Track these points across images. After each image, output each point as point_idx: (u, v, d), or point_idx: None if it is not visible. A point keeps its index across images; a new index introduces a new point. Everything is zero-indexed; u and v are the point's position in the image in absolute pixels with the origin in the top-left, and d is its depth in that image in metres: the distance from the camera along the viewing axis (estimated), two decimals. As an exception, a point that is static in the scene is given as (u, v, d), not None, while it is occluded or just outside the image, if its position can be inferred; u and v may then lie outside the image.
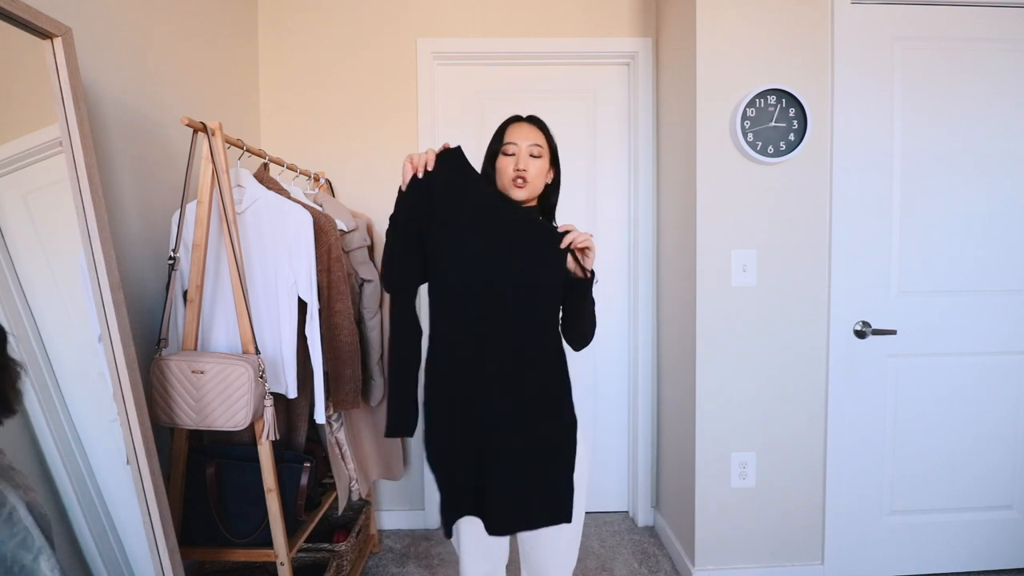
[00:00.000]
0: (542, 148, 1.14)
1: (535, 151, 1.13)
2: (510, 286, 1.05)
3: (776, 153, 1.62)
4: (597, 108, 2.14)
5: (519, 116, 1.19)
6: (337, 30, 2.04)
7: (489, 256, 1.05)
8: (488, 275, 1.04)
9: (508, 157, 1.13)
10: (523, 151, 1.12)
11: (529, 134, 1.14)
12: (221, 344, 1.34)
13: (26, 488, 0.78)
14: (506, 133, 1.16)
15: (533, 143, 1.13)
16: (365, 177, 2.06)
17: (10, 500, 0.75)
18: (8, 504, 0.75)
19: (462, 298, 1.05)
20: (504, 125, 1.18)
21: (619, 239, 2.17)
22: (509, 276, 1.05)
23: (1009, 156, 1.68)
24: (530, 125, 1.16)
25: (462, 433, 1.06)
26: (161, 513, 1.08)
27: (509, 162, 1.13)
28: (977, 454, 1.74)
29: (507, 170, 1.12)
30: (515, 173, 1.11)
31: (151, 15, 1.43)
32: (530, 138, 1.13)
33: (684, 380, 1.78)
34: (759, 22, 1.62)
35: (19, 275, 0.99)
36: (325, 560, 1.62)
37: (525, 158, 1.12)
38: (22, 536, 0.75)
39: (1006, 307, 1.71)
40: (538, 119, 1.19)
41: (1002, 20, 1.65)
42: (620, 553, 1.96)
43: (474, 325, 1.04)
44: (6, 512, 0.74)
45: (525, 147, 1.12)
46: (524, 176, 1.11)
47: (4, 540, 0.73)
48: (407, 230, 1.06)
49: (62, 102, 0.99)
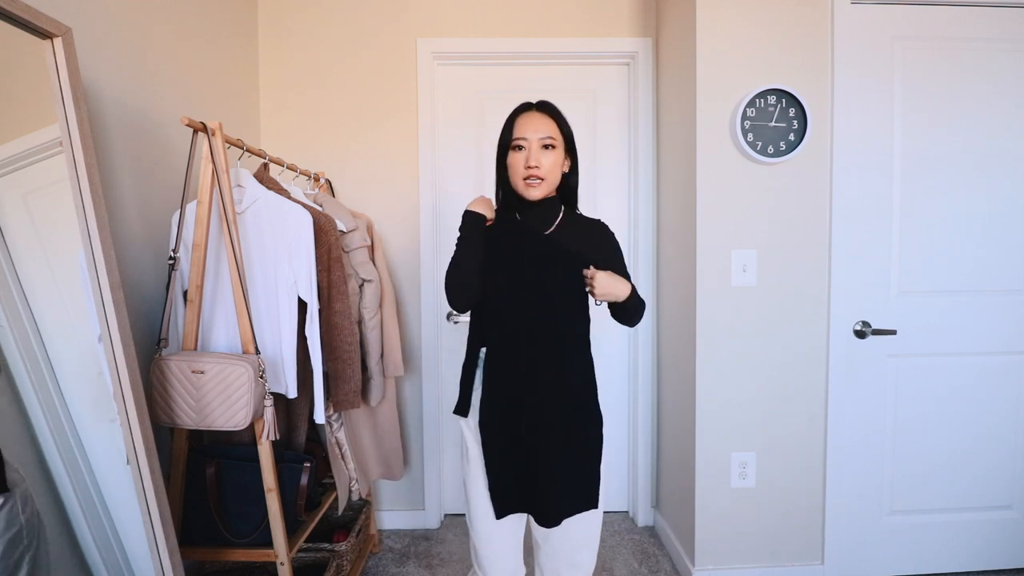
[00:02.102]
0: (555, 139, 1.07)
1: (548, 142, 1.06)
2: (531, 298, 1.12)
3: (776, 153, 1.62)
4: (597, 108, 2.14)
5: (529, 104, 1.11)
6: (337, 30, 2.04)
7: (519, 277, 1.12)
8: (519, 294, 1.12)
9: (518, 152, 1.07)
10: (534, 145, 1.06)
11: (540, 125, 1.07)
12: (221, 344, 1.34)
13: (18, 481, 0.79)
14: (515, 126, 1.08)
15: (545, 135, 1.06)
16: (365, 177, 2.06)
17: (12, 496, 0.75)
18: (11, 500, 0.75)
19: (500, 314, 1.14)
20: (513, 116, 1.10)
21: (619, 239, 2.15)
22: (535, 294, 1.12)
23: (1009, 156, 1.68)
24: (540, 114, 1.09)
25: (510, 422, 1.12)
26: (161, 513, 1.08)
27: (520, 158, 1.07)
28: (977, 454, 1.74)
29: (518, 167, 1.08)
30: (527, 171, 1.07)
31: (151, 15, 1.43)
32: (541, 130, 1.06)
33: (684, 380, 1.78)
34: (759, 22, 1.62)
35: (19, 275, 0.99)
36: (325, 560, 1.62)
37: (537, 153, 1.06)
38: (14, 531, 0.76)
39: (1006, 307, 1.71)
40: (549, 105, 1.11)
41: (1002, 20, 1.65)
42: (620, 553, 1.96)
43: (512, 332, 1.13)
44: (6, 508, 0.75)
45: (536, 140, 1.06)
46: (537, 175, 1.06)
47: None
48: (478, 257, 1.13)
49: (62, 102, 0.99)
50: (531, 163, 1.06)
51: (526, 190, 1.09)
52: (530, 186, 1.08)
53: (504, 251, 1.14)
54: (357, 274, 1.67)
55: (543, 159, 1.06)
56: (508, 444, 1.12)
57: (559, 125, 1.10)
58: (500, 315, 1.13)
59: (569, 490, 1.13)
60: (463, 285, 1.12)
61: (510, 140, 1.08)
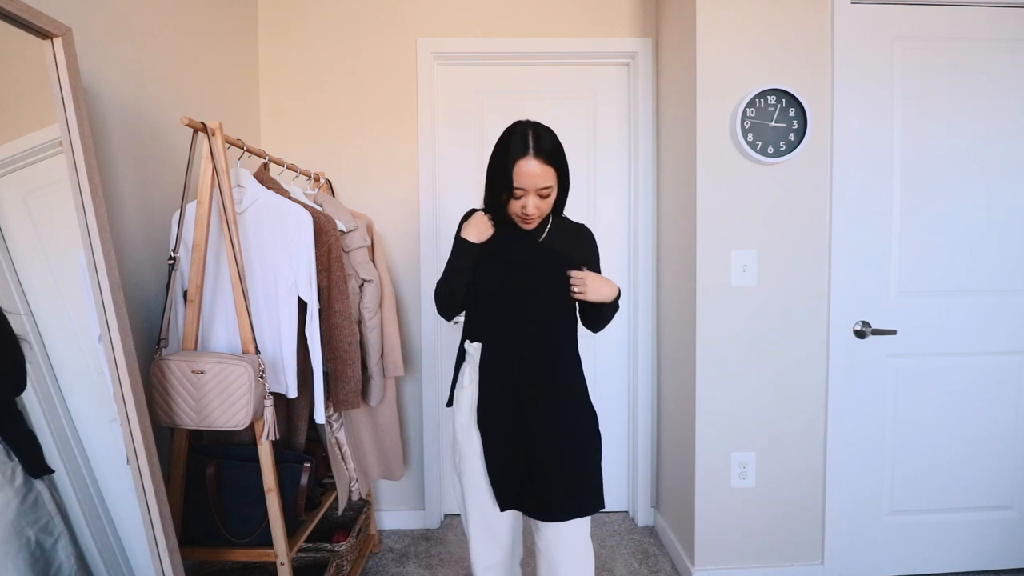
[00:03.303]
0: (552, 188, 1.10)
1: (545, 192, 1.09)
2: (526, 301, 1.18)
3: (776, 153, 1.62)
4: (597, 108, 2.14)
5: (527, 148, 1.06)
6: (337, 30, 2.04)
7: (510, 278, 1.19)
8: (509, 294, 1.18)
9: (516, 200, 1.11)
10: (531, 196, 1.09)
11: (539, 177, 1.06)
12: (221, 344, 1.34)
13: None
14: (514, 174, 1.06)
15: (544, 186, 1.08)
16: (365, 177, 2.06)
17: (36, 487, 0.77)
18: (34, 490, 0.77)
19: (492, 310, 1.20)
20: (513, 160, 1.06)
21: (619, 239, 2.17)
22: (524, 292, 1.18)
23: (1009, 156, 1.68)
24: (542, 164, 1.06)
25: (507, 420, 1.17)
26: (161, 513, 1.08)
27: (517, 204, 1.11)
28: (977, 454, 1.74)
29: (516, 209, 1.12)
30: (523, 215, 1.13)
31: (151, 15, 1.43)
32: (539, 182, 1.07)
33: (684, 380, 1.78)
34: (759, 22, 1.62)
35: (19, 275, 0.99)
36: (325, 560, 1.62)
37: (533, 202, 1.09)
38: (45, 520, 0.78)
39: (1006, 307, 1.71)
40: (550, 152, 1.08)
41: (1002, 20, 1.65)
42: (620, 553, 1.95)
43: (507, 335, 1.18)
44: (32, 497, 0.76)
45: (533, 192, 1.08)
46: (532, 218, 1.13)
47: (29, 523, 0.75)
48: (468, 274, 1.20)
49: (62, 102, 0.99)
50: (529, 211, 1.11)
51: (522, 224, 1.17)
52: (526, 223, 1.16)
53: (500, 255, 1.20)
54: (357, 274, 1.67)
55: (541, 204, 1.11)
56: (506, 442, 1.16)
57: (558, 172, 1.11)
58: (495, 318, 1.19)
59: (572, 487, 1.14)
60: (450, 301, 1.22)
61: (508, 186, 1.08)
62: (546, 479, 1.14)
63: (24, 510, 0.81)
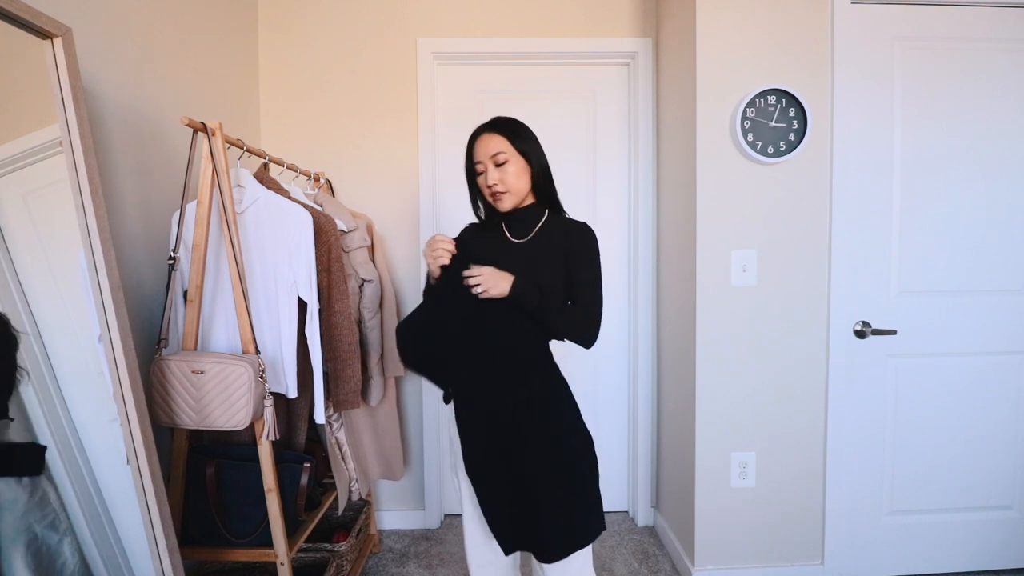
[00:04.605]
0: (506, 151, 1.13)
1: (500, 159, 1.12)
2: (486, 329, 1.12)
3: (776, 153, 1.62)
4: (597, 108, 2.14)
5: (482, 127, 1.17)
6: (337, 30, 2.04)
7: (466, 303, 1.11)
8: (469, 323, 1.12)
9: (481, 176, 1.16)
10: (489, 166, 1.14)
11: (489, 145, 1.13)
12: (221, 344, 1.34)
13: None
14: (472, 151, 1.16)
15: (495, 152, 1.12)
16: (365, 177, 2.06)
17: (42, 484, 0.77)
18: (41, 487, 0.77)
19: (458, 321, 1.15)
20: (470, 142, 1.18)
21: (619, 239, 2.17)
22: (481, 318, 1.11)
23: (1009, 156, 1.68)
24: (489, 134, 1.15)
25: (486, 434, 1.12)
26: (161, 513, 1.08)
27: (482, 180, 1.16)
28: (977, 454, 1.74)
29: (483, 187, 1.16)
30: (488, 190, 1.15)
31: (151, 15, 1.43)
32: (491, 149, 1.13)
33: (684, 380, 1.78)
34: (759, 22, 1.62)
35: (19, 275, 0.99)
36: (325, 560, 1.62)
37: (492, 173, 1.14)
38: (51, 518, 0.78)
39: (1006, 307, 1.71)
40: (499, 122, 1.15)
41: (1002, 20, 1.65)
42: (620, 553, 1.96)
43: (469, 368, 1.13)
44: (39, 495, 0.77)
45: (489, 160, 1.13)
46: (497, 190, 1.14)
47: (35, 521, 0.76)
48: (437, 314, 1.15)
49: (62, 102, 0.99)
50: (490, 182, 1.14)
51: (496, 204, 1.17)
52: (497, 200, 1.16)
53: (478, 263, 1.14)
54: (357, 274, 1.67)
55: (500, 175, 1.13)
56: (497, 492, 1.12)
57: (509, 138, 1.14)
58: (458, 357, 1.13)
59: (567, 525, 1.09)
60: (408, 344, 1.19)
61: (473, 167, 1.17)
62: (542, 522, 1.08)
63: (31, 506, 0.81)
